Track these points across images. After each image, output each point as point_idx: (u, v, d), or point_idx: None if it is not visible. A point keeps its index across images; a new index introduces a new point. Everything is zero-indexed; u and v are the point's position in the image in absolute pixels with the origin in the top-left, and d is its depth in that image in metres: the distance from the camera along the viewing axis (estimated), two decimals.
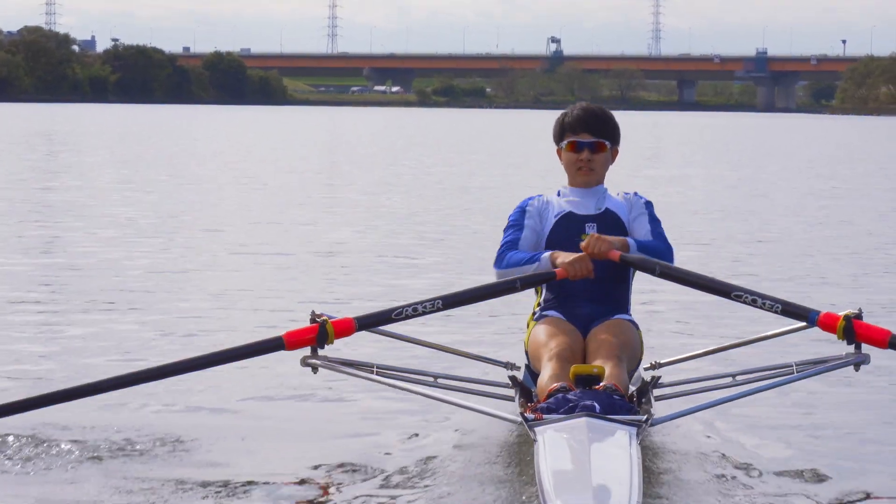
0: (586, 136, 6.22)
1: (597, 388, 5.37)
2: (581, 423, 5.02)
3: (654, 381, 6.08)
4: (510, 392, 6.08)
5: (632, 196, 6.28)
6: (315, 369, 5.86)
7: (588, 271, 5.88)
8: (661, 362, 6.47)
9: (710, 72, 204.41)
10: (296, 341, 5.71)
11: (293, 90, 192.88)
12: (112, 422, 6.43)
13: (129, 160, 32.77)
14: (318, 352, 5.81)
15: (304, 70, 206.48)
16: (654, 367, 6.42)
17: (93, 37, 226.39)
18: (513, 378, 6.15)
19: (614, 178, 7.20)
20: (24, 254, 13.28)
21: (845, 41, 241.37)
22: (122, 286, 11.02)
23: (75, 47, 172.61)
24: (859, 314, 5.67)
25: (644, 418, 5.25)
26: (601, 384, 5.40)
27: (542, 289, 6.18)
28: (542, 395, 5.51)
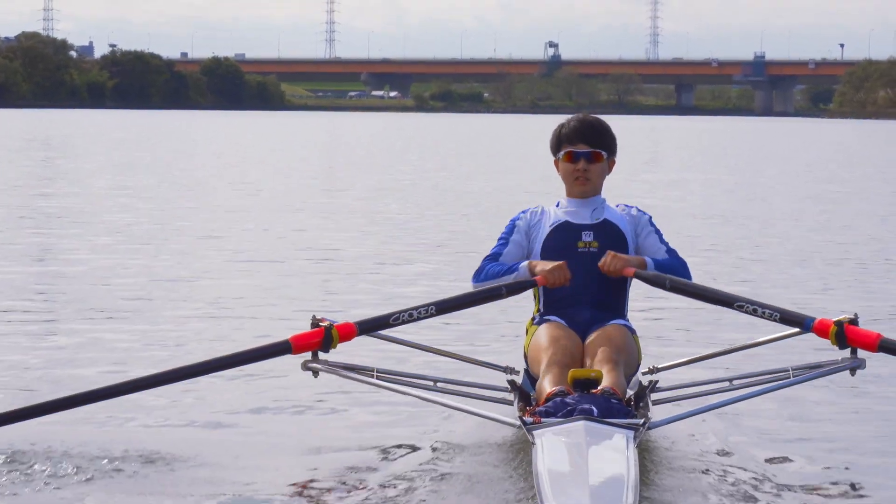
0: (583, 146, 6.29)
1: (595, 392, 5.42)
2: (579, 426, 5.07)
3: (652, 386, 6.13)
4: (509, 396, 6.13)
5: (635, 212, 6.35)
6: (316, 373, 5.92)
7: (565, 279, 6.03)
8: (659, 367, 6.54)
9: (708, 76, 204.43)
10: (302, 345, 5.77)
11: (291, 95, 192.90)
12: (98, 437, 6.31)
13: (126, 166, 32.75)
14: (318, 356, 5.86)
15: (301, 75, 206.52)
16: (652, 371, 6.49)
17: (90, 42, 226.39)
18: (512, 382, 6.19)
19: (612, 184, 7.17)
20: (20, 261, 13.23)
21: (843, 45, 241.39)
22: (116, 294, 10.95)
23: (73, 53, 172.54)
24: (855, 319, 5.76)
25: (641, 422, 5.30)
26: (599, 388, 5.46)
27: (541, 294, 6.25)
28: (541, 399, 5.56)
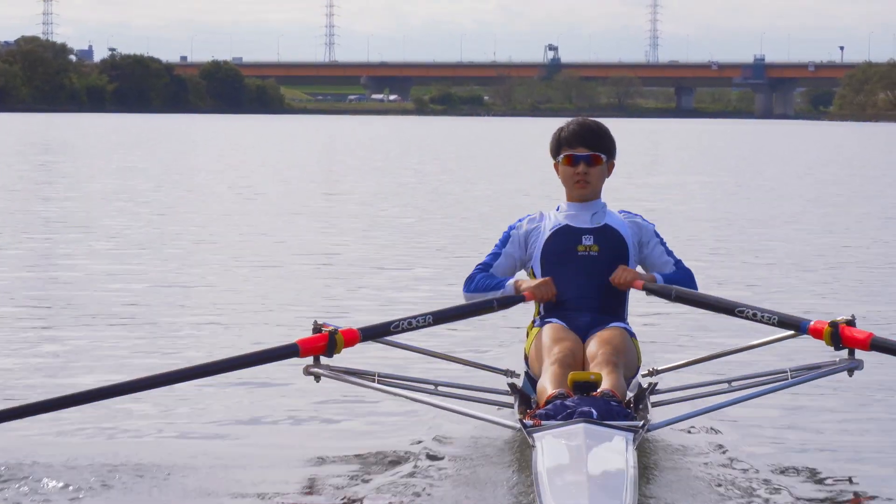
0: (582, 149, 6.34)
1: (594, 394, 5.46)
2: (578, 428, 5.09)
3: (652, 388, 6.18)
4: (509, 399, 6.18)
5: (639, 220, 6.41)
6: (318, 378, 5.99)
7: (552, 294, 6.17)
8: (659, 369, 6.59)
9: (708, 79, 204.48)
10: (309, 348, 5.82)
11: (290, 99, 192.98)
12: (90, 447, 6.24)
13: (125, 170, 32.74)
14: (320, 361, 5.93)
15: (301, 79, 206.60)
16: (652, 373, 6.54)
17: (90, 46, 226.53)
18: (512, 385, 6.23)
19: (613, 187, 7.14)
20: (18, 265, 13.16)
21: (843, 47, 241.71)
22: (113, 299, 10.88)
23: (72, 57, 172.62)
24: (852, 321, 5.83)
25: (641, 424, 5.34)
26: (599, 390, 5.50)
27: None
28: (541, 401, 5.60)
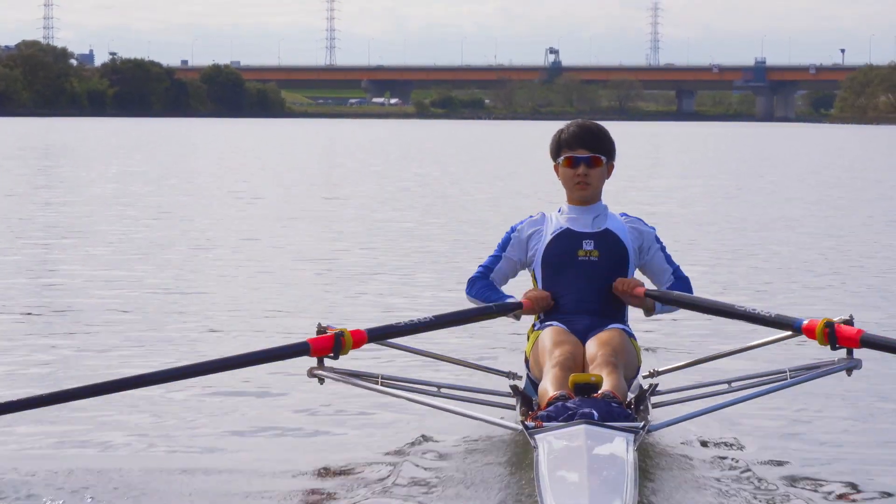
0: (582, 151, 6.39)
1: (595, 396, 5.50)
2: (580, 430, 5.13)
3: (652, 389, 6.23)
4: (511, 401, 6.24)
5: (639, 225, 6.46)
6: (322, 380, 6.04)
7: (548, 306, 6.29)
8: (659, 370, 6.67)
9: (709, 81, 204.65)
10: (319, 348, 5.89)
11: (291, 103, 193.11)
12: (85, 450, 6.24)
13: (124, 174, 32.69)
14: (324, 363, 5.99)
15: (301, 82, 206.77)
16: (653, 375, 6.62)
17: (91, 51, 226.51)
18: (514, 387, 6.29)
19: (615, 190, 7.11)
20: (17, 270, 13.09)
21: (844, 50, 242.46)
22: (111, 304, 10.82)
23: (73, 61, 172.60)
24: (850, 320, 5.90)
25: (641, 425, 5.38)
26: (600, 392, 5.54)
27: None
28: (543, 403, 5.64)
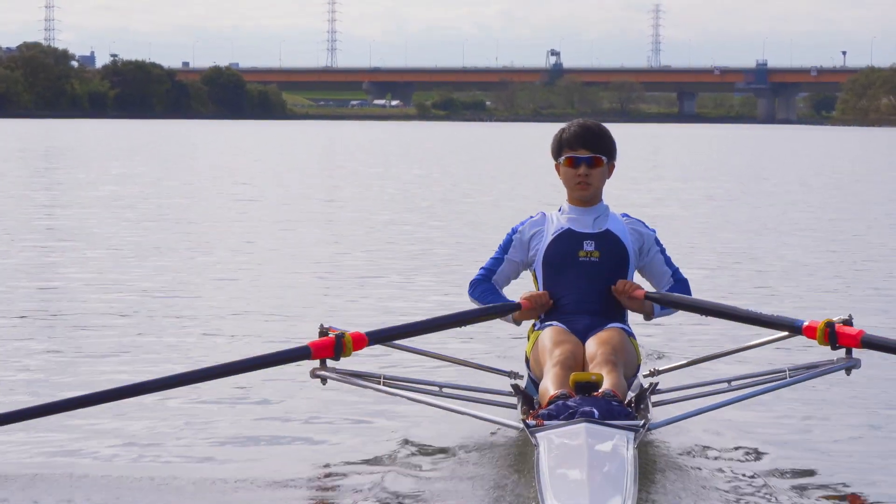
0: (584, 151, 6.42)
1: (596, 394, 5.54)
2: (580, 428, 5.17)
3: (652, 388, 6.27)
4: (512, 400, 6.27)
5: (640, 227, 6.49)
6: (324, 381, 6.09)
7: (547, 305, 6.33)
8: (660, 370, 6.73)
9: (711, 84, 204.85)
10: (319, 351, 5.94)
11: (292, 104, 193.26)
12: (84, 453, 6.19)
13: (125, 176, 32.72)
14: (326, 364, 6.04)
15: (303, 84, 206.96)
16: (653, 374, 6.68)
17: (92, 52, 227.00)
18: (515, 386, 6.32)
19: (616, 192, 7.09)
20: (14, 274, 13.00)
21: (845, 52, 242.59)
22: (111, 307, 10.78)
23: (74, 63, 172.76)
24: (849, 320, 5.95)
25: (641, 423, 5.42)
26: (600, 391, 5.58)
27: None
28: (544, 402, 5.69)
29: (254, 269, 13.59)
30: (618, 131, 6.62)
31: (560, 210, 6.49)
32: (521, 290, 6.54)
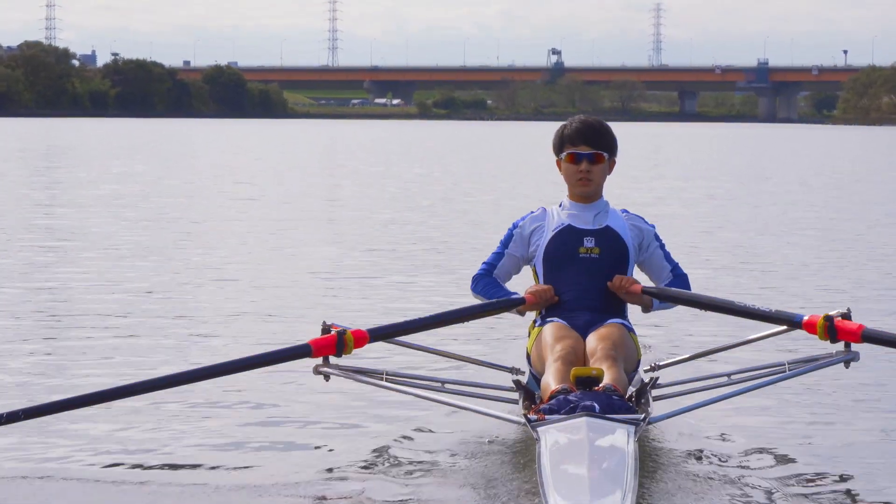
0: (585, 147, 6.43)
1: (597, 389, 5.58)
2: (581, 422, 5.21)
3: (653, 382, 6.29)
4: (514, 395, 6.31)
5: (640, 223, 6.52)
6: (327, 377, 6.13)
7: (551, 300, 6.33)
8: (660, 364, 6.75)
9: (712, 83, 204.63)
10: (320, 349, 5.94)
11: (293, 103, 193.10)
12: (84, 451, 6.21)
13: (126, 175, 32.70)
14: (329, 361, 6.07)
15: (304, 83, 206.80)
16: (654, 368, 6.70)
17: (93, 51, 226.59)
18: (517, 382, 6.36)
19: (616, 191, 7.10)
20: (18, 273, 13.02)
21: (847, 51, 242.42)
22: (112, 307, 10.77)
23: (75, 62, 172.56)
24: (847, 314, 5.98)
25: (642, 417, 5.47)
26: (601, 385, 5.62)
27: None
28: (545, 396, 5.74)
29: (254, 269, 13.60)
30: (619, 130, 6.66)
31: (560, 205, 6.51)
32: (522, 285, 6.53)
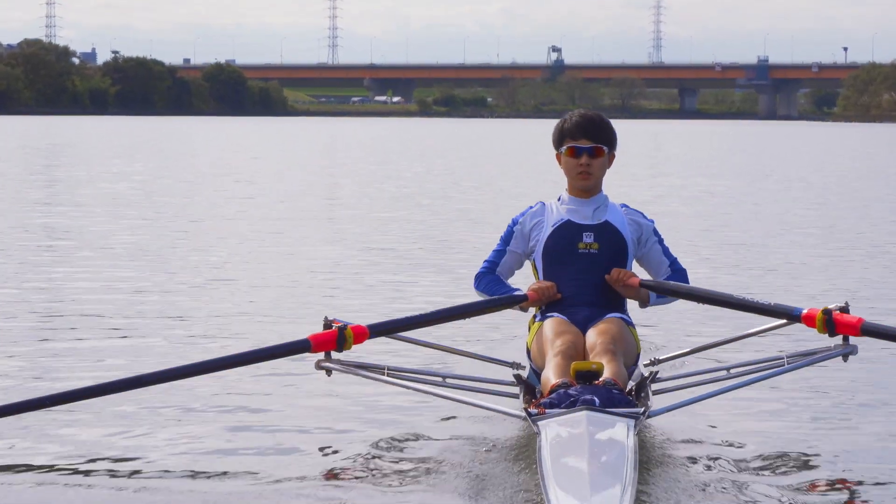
0: (585, 141, 6.47)
1: (597, 383, 5.62)
2: (581, 416, 5.25)
3: (653, 377, 6.33)
4: (515, 390, 6.34)
5: (638, 218, 6.54)
6: (329, 372, 6.16)
7: (554, 296, 6.35)
8: (660, 359, 6.80)
9: (712, 80, 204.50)
10: (320, 344, 5.98)
11: (294, 101, 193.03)
12: (85, 450, 6.18)
13: (125, 173, 32.66)
14: (331, 356, 6.10)
15: (304, 81, 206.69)
16: (654, 363, 6.75)
17: (93, 49, 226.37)
18: (517, 376, 6.39)
19: (616, 188, 7.11)
20: (18, 273, 12.98)
21: (847, 48, 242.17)
22: (112, 306, 10.75)
23: (75, 60, 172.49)
24: (846, 307, 6.02)
25: (641, 410, 5.51)
26: (601, 379, 5.65)
27: None
28: (546, 391, 5.77)
29: (254, 267, 13.58)
30: (619, 127, 6.70)
31: (560, 200, 6.54)
32: (524, 281, 6.56)
